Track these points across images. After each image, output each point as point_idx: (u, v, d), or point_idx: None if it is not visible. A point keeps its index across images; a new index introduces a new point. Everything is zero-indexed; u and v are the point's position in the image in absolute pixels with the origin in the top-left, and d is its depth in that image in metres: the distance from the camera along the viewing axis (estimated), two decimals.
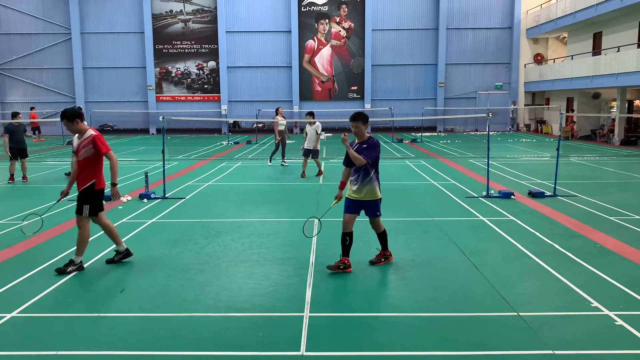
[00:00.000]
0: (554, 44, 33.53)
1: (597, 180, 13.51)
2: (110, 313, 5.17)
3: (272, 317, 5.09)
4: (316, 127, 14.13)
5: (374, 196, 6.26)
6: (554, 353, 4.29)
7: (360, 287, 5.84)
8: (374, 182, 6.25)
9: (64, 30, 33.44)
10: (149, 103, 33.81)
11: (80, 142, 6.47)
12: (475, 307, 5.26)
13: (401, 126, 33.92)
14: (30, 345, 4.51)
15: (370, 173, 6.22)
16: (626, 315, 5.00)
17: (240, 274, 6.31)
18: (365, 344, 4.50)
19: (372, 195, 6.25)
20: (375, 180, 6.27)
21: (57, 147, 24.18)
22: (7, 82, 34.00)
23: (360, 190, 6.23)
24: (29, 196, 11.78)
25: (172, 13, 33.49)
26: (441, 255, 7.00)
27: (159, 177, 12.39)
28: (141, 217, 9.43)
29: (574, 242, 7.58)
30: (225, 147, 23.71)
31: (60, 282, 6.03)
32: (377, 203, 6.34)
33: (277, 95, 33.95)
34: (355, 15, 33.31)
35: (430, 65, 33.56)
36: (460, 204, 10.38)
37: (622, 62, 21.72)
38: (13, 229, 8.58)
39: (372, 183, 6.24)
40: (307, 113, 14.58)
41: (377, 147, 6.29)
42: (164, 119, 11.74)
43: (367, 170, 6.21)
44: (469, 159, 18.17)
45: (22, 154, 13.75)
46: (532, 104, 33.72)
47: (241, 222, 9.00)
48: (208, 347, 4.47)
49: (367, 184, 6.21)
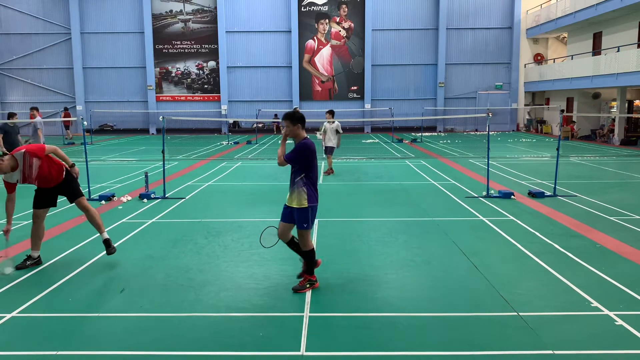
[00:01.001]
0: (554, 44, 33.54)
1: (597, 180, 13.51)
2: (110, 313, 5.17)
3: (272, 317, 5.09)
4: (336, 126, 14.37)
5: (300, 204, 5.63)
6: (554, 353, 4.29)
7: (360, 287, 5.84)
8: (300, 187, 5.65)
9: (64, 30, 33.44)
10: (149, 103, 33.81)
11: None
12: (475, 307, 5.26)
13: (401, 126, 33.92)
14: (30, 345, 4.51)
15: (297, 177, 5.67)
16: (626, 315, 5.00)
17: (240, 274, 6.31)
18: (365, 344, 4.50)
19: (298, 203, 5.64)
20: (301, 186, 5.65)
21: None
22: (7, 82, 34.00)
23: (290, 195, 5.74)
24: (28, 196, 11.74)
25: (172, 13, 33.49)
26: (441, 255, 7.00)
27: (159, 177, 12.39)
28: (141, 217, 9.43)
29: (573, 242, 7.58)
30: (225, 147, 23.71)
31: (61, 282, 6.03)
32: (303, 212, 5.66)
33: (277, 95, 33.96)
34: (355, 15, 33.31)
35: (430, 65, 33.57)
36: (460, 204, 10.38)
37: (622, 62, 21.72)
38: (13, 229, 8.55)
39: (298, 188, 5.66)
40: (327, 111, 14.73)
41: (304, 150, 5.61)
42: (164, 119, 11.74)
43: (295, 173, 5.71)
44: (469, 159, 18.16)
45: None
46: (532, 104, 33.73)
47: (241, 222, 9.00)
48: (208, 347, 4.47)
49: (295, 189, 5.68)
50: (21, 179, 6.37)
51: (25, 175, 6.39)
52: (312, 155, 5.65)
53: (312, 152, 5.64)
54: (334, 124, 14.36)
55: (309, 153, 5.62)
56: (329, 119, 14.39)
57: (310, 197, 5.66)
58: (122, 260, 6.85)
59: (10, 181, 6.38)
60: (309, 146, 5.62)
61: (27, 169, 6.33)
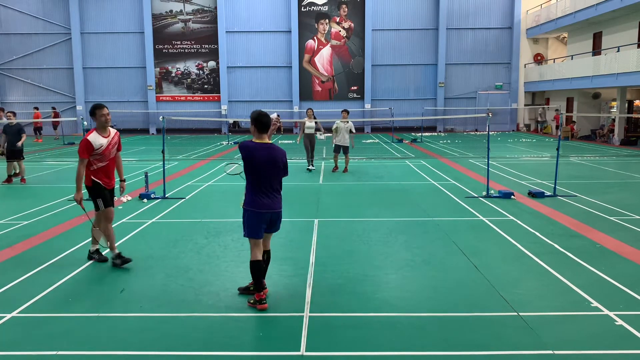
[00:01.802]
0: (554, 44, 33.54)
1: (597, 180, 13.51)
2: (110, 313, 5.17)
3: (272, 317, 5.09)
4: (350, 125, 14.88)
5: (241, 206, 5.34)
6: (554, 353, 4.30)
7: (360, 287, 5.84)
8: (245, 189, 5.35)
9: (64, 30, 33.43)
10: (149, 103, 33.81)
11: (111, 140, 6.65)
12: (475, 307, 5.26)
13: (401, 126, 33.91)
14: (30, 345, 4.51)
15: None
16: (626, 315, 5.00)
17: (240, 274, 6.31)
18: (365, 344, 4.50)
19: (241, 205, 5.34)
20: (246, 188, 5.32)
21: (57, 147, 24.17)
22: (7, 82, 33.99)
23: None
24: (28, 196, 11.77)
25: (172, 13, 33.49)
26: (441, 255, 7.00)
27: (159, 177, 12.38)
28: (141, 217, 9.43)
29: (574, 242, 7.58)
30: (225, 147, 23.71)
31: (60, 282, 6.03)
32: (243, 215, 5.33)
33: (277, 95, 33.96)
34: (355, 15, 33.31)
35: (430, 65, 33.56)
36: (460, 204, 10.38)
37: (622, 62, 21.72)
38: (13, 229, 8.58)
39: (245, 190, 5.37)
40: (343, 110, 15.32)
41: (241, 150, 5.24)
42: (164, 119, 11.74)
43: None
44: (469, 159, 18.16)
45: (13, 156, 13.34)
46: (532, 104, 33.73)
47: (241, 222, 8.97)
48: (208, 347, 4.47)
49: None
50: (102, 149, 6.47)
51: (107, 147, 6.53)
52: (247, 156, 5.17)
53: (247, 152, 5.17)
54: (348, 124, 14.88)
55: (243, 154, 5.20)
56: (345, 118, 14.93)
57: (245, 200, 5.30)
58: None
59: (94, 144, 6.42)
60: (242, 147, 5.21)
61: (112, 144, 6.60)
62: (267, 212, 5.27)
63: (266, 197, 5.26)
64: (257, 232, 5.29)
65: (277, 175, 5.31)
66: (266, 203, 5.26)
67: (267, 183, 5.26)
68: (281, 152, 5.33)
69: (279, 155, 5.28)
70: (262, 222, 5.28)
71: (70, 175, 14.83)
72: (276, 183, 5.34)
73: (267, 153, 5.20)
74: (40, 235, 8.15)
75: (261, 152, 5.18)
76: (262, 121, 5.23)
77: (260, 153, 5.17)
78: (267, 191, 5.27)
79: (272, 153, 5.22)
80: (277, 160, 5.25)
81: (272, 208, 5.31)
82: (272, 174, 5.26)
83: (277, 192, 5.38)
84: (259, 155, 5.16)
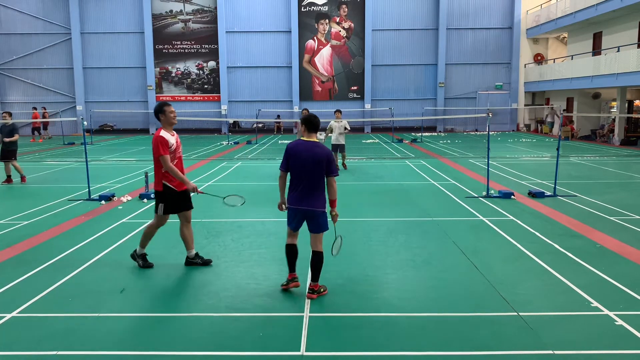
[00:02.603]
0: (554, 44, 33.53)
1: (597, 180, 13.51)
2: (110, 313, 5.17)
3: (272, 317, 5.09)
4: (344, 124, 15.11)
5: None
6: (554, 353, 4.29)
7: (360, 287, 5.84)
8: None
9: (64, 30, 33.44)
10: (149, 103, 33.80)
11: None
12: (475, 307, 5.26)
13: (401, 126, 33.91)
14: (30, 345, 4.51)
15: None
16: (626, 315, 5.00)
17: (240, 274, 6.31)
18: (365, 344, 4.50)
19: None
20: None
21: (57, 147, 24.17)
22: (7, 82, 33.99)
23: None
24: (28, 196, 11.77)
25: (172, 13, 33.49)
26: (441, 255, 7.00)
27: None
28: (141, 217, 9.43)
29: (574, 242, 7.58)
30: (225, 147, 23.71)
31: (60, 282, 6.03)
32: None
33: (277, 95, 33.96)
34: (355, 15, 33.31)
35: (430, 65, 33.56)
36: (460, 204, 10.38)
37: (622, 62, 21.72)
38: (13, 229, 8.58)
39: None
40: (336, 110, 15.54)
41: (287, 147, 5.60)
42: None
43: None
44: (469, 159, 18.16)
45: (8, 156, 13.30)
46: (532, 104, 33.73)
47: (241, 222, 9.00)
48: (208, 347, 4.47)
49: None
50: (173, 147, 6.34)
51: (176, 146, 6.42)
52: (287, 155, 5.49)
53: (287, 152, 5.50)
54: (342, 122, 15.03)
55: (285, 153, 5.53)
56: (339, 118, 15.10)
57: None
58: (122, 260, 6.85)
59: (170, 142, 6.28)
60: (287, 148, 5.55)
61: (179, 144, 6.48)
62: (294, 208, 5.49)
63: (296, 193, 5.46)
64: (289, 223, 5.66)
65: (314, 172, 5.37)
66: (295, 198, 5.47)
67: (302, 179, 5.40)
68: (324, 151, 5.43)
69: (321, 153, 5.39)
70: (292, 216, 5.57)
71: (70, 175, 14.84)
72: (315, 181, 5.41)
73: (310, 150, 5.39)
74: (40, 235, 8.14)
75: (301, 148, 5.42)
76: (312, 122, 5.53)
77: (299, 149, 5.42)
78: (298, 188, 5.44)
79: (314, 151, 5.38)
80: (318, 158, 5.36)
81: (299, 204, 5.46)
82: (309, 171, 5.37)
83: (313, 190, 5.43)
84: (299, 151, 5.41)
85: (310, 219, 5.50)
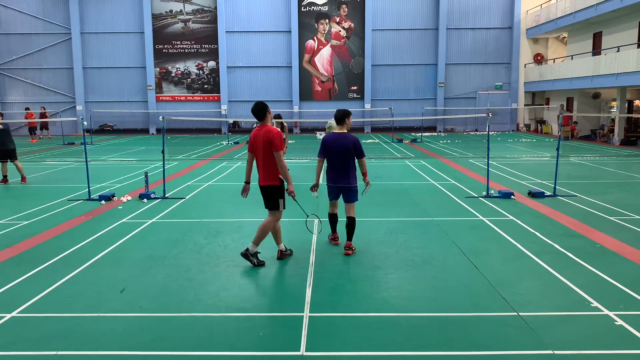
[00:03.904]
0: (554, 44, 33.53)
1: (597, 180, 13.51)
2: (110, 313, 5.17)
3: (272, 317, 5.09)
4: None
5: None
6: (554, 353, 4.30)
7: (361, 287, 5.84)
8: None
9: (64, 30, 33.43)
10: (149, 103, 33.80)
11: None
12: (475, 307, 5.26)
13: (401, 126, 33.91)
14: (30, 345, 4.51)
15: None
16: (626, 315, 5.00)
17: (240, 274, 6.31)
18: (365, 344, 4.50)
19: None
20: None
21: (57, 147, 24.17)
22: (7, 82, 33.98)
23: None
24: (28, 196, 11.77)
25: (172, 13, 33.48)
26: (441, 255, 7.00)
27: (159, 177, 12.39)
28: (141, 217, 9.43)
29: (574, 242, 7.58)
30: (225, 147, 23.71)
31: (60, 282, 6.03)
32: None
33: (277, 95, 33.95)
34: (355, 15, 33.31)
35: (430, 65, 33.55)
36: (460, 204, 10.38)
37: (622, 62, 21.72)
38: (13, 229, 8.58)
39: None
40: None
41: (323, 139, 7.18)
42: (164, 119, 11.74)
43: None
44: (469, 159, 18.16)
45: (5, 156, 13.27)
46: (532, 104, 33.73)
47: (241, 222, 9.00)
48: (208, 347, 4.47)
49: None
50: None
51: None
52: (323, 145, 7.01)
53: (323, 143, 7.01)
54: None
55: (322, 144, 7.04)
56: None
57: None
58: (122, 260, 6.85)
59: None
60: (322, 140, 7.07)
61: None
62: (331, 185, 7.07)
63: (333, 173, 7.00)
64: (329, 195, 7.26)
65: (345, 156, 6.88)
66: (333, 178, 7.03)
67: (336, 163, 6.94)
68: (351, 139, 6.92)
69: (348, 141, 6.89)
70: (331, 190, 7.14)
71: (70, 175, 14.84)
72: (346, 164, 6.92)
73: (339, 140, 6.92)
74: (40, 235, 8.15)
75: (332, 138, 6.97)
76: (337, 117, 7.13)
77: (331, 138, 6.98)
78: (334, 169, 6.97)
79: (342, 140, 6.90)
80: (347, 146, 6.87)
81: (336, 182, 7.01)
82: (341, 156, 6.88)
83: (346, 170, 6.93)
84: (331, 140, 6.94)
85: (345, 192, 7.01)
